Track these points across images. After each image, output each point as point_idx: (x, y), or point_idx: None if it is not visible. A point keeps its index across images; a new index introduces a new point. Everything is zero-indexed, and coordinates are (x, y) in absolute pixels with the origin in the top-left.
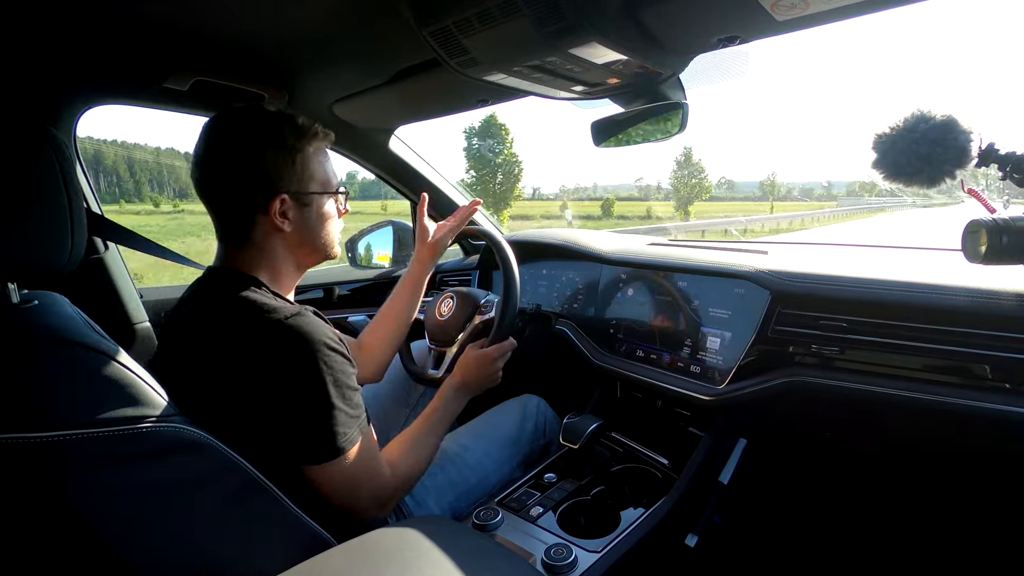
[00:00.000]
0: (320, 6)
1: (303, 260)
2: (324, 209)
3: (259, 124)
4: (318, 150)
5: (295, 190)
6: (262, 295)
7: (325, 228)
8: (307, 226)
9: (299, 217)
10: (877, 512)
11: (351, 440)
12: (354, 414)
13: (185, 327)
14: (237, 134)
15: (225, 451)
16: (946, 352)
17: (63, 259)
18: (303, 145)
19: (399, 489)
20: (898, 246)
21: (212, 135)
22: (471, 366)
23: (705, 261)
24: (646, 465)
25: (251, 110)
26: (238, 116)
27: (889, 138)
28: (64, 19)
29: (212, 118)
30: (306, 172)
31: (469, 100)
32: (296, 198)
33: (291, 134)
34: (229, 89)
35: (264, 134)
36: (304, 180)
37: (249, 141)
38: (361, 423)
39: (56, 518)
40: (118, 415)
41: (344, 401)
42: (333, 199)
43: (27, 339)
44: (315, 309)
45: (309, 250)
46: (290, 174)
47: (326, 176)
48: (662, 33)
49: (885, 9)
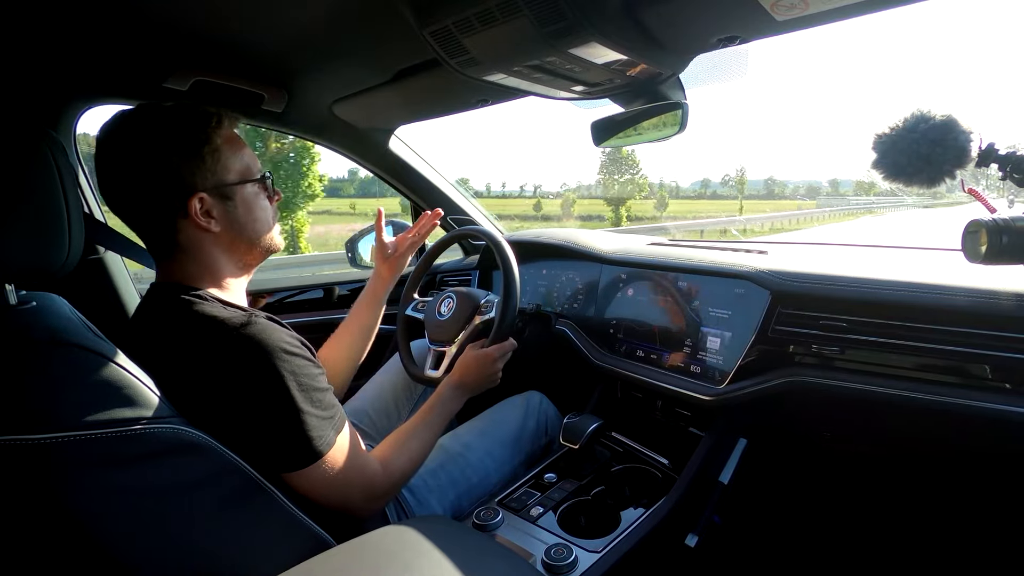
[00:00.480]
0: (320, 6)
1: (243, 259)
2: (250, 199)
3: (158, 123)
4: (229, 139)
5: (212, 184)
6: (207, 306)
7: (256, 219)
8: (236, 221)
9: (224, 213)
10: (877, 512)
11: (327, 442)
12: (326, 415)
13: (140, 348)
14: (137, 136)
15: (223, 452)
16: (946, 352)
17: (61, 260)
18: (210, 136)
19: (393, 485)
20: (898, 246)
21: (111, 141)
22: (471, 366)
23: (705, 261)
24: (646, 465)
25: (147, 109)
26: (136, 117)
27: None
28: (64, 19)
29: (108, 123)
30: (220, 164)
31: (469, 100)
32: (216, 193)
33: (194, 127)
34: (229, 89)
35: (166, 131)
36: (220, 173)
37: (152, 141)
38: (336, 423)
39: (55, 519)
40: (116, 416)
41: (312, 404)
42: (259, 187)
43: (25, 340)
44: (268, 314)
45: (245, 247)
46: (203, 169)
47: (244, 164)
48: (662, 33)
49: (885, 9)
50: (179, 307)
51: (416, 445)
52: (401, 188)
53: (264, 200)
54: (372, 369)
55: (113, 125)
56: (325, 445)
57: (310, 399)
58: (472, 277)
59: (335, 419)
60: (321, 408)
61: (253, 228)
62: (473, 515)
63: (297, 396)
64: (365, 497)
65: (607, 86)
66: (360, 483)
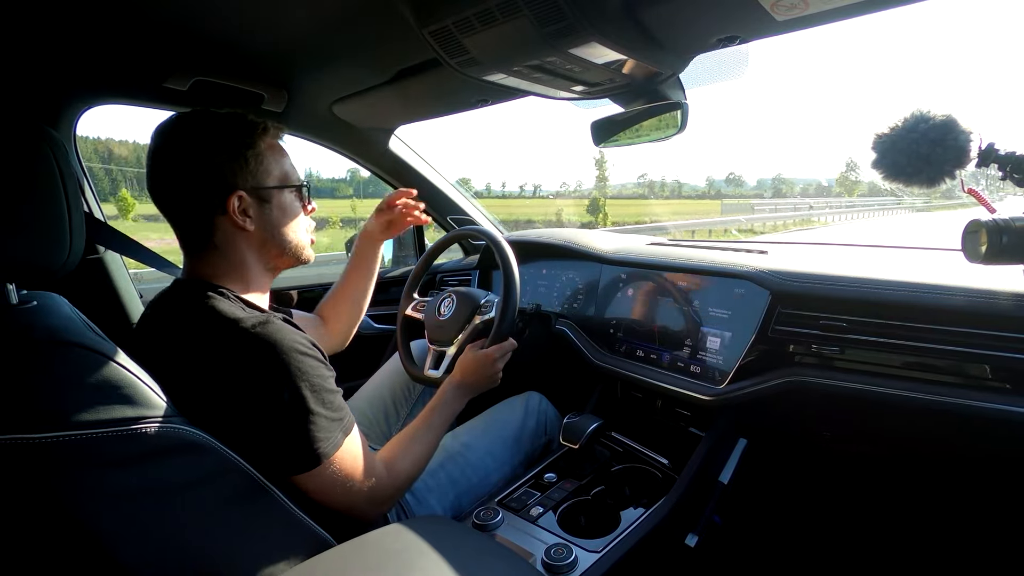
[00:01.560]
0: (320, 6)
1: (272, 262)
2: (286, 205)
3: (208, 125)
4: (272, 146)
5: (252, 185)
6: (228, 304)
7: (290, 225)
8: (270, 223)
9: (260, 214)
10: (876, 512)
11: (334, 444)
12: (335, 417)
13: (153, 342)
14: (186, 136)
15: (224, 452)
16: (946, 352)
17: (61, 259)
18: (254, 141)
19: (397, 488)
20: (898, 246)
21: (162, 140)
22: (470, 366)
23: (705, 261)
24: (646, 465)
25: (200, 113)
26: (187, 120)
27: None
28: (64, 19)
29: (161, 124)
30: (261, 167)
31: (469, 100)
32: (255, 194)
33: (240, 132)
34: (229, 89)
35: (213, 133)
36: (260, 175)
37: (199, 142)
38: (345, 426)
39: (55, 519)
40: (117, 416)
41: (323, 406)
42: (295, 195)
43: (26, 340)
44: (285, 315)
45: (276, 251)
46: (244, 170)
47: (283, 171)
48: (662, 33)
49: (885, 9)
50: (199, 302)
51: (420, 448)
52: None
53: (299, 208)
54: (371, 369)
55: (168, 125)
56: (332, 447)
57: (321, 400)
58: (472, 277)
59: (344, 421)
60: (331, 410)
61: (286, 233)
62: (473, 515)
63: (308, 396)
64: (370, 500)
65: (607, 86)
66: (365, 486)
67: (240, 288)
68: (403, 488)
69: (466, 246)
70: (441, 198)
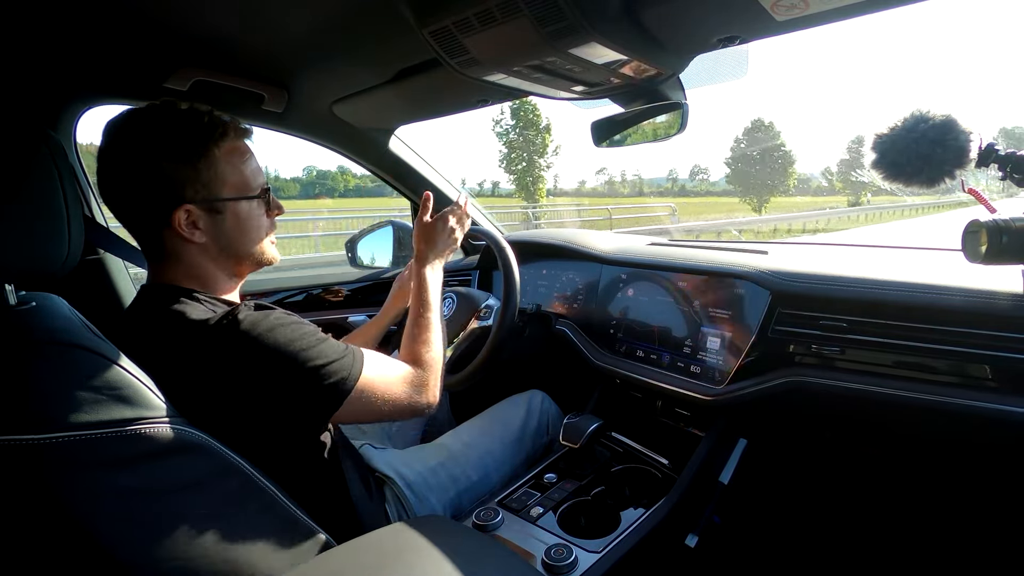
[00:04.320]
0: (320, 6)
1: (233, 270)
2: (243, 214)
3: (157, 128)
4: (230, 151)
5: (202, 198)
6: (193, 305)
7: (247, 236)
8: (223, 235)
9: (211, 226)
10: (877, 512)
11: (354, 376)
12: (338, 356)
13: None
14: (134, 139)
15: (224, 452)
16: (946, 352)
17: (60, 260)
18: (208, 149)
19: (434, 372)
20: (898, 246)
21: (110, 140)
22: (424, 235)
23: (705, 261)
24: (646, 465)
25: (152, 110)
26: (137, 119)
27: (889, 138)
28: (64, 19)
29: (112, 120)
30: (215, 177)
31: (469, 100)
32: (205, 206)
33: (193, 137)
34: (229, 89)
35: (161, 139)
36: (213, 186)
37: (144, 148)
38: (355, 356)
39: (55, 520)
40: (116, 417)
41: (322, 356)
42: (256, 202)
43: (25, 341)
44: (258, 303)
45: (233, 259)
46: (194, 181)
47: (242, 178)
48: (662, 33)
49: (885, 9)
50: (166, 308)
51: (428, 334)
52: (401, 188)
53: (260, 215)
54: None
55: (118, 122)
56: (352, 379)
57: (319, 351)
58: (472, 277)
59: (350, 354)
60: (334, 351)
61: (241, 242)
62: (473, 515)
63: (306, 354)
64: (412, 395)
65: (607, 86)
66: (404, 387)
67: (206, 291)
68: (438, 371)
69: (466, 246)
70: (441, 198)
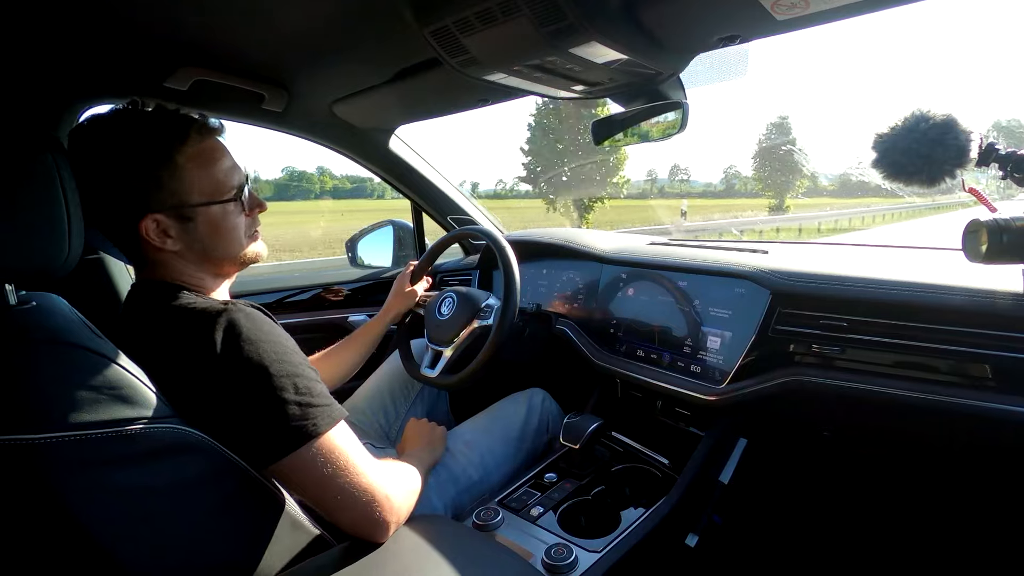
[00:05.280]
0: (320, 6)
1: (215, 271)
2: (216, 218)
3: (117, 136)
4: (199, 154)
5: (170, 205)
6: (185, 300)
7: (223, 239)
8: (197, 241)
9: (183, 233)
10: (877, 511)
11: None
12: (312, 403)
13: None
14: (94, 149)
15: (223, 451)
16: (946, 352)
17: (60, 260)
18: (171, 155)
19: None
20: (898, 246)
21: (75, 144)
22: (411, 438)
23: (705, 261)
24: (646, 465)
25: (114, 117)
26: (96, 127)
27: (889, 138)
28: (64, 19)
29: (74, 129)
30: (182, 184)
31: (469, 100)
32: (174, 214)
33: (155, 144)
34: (229, 89)
35: (122, 148)
36: (181, 193)
37: (105, 157)
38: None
39: (54, 519)
40: (116, 416)
41: (295, 391)
42: (230, 204)
43: (25, 340)
44: (250, 303)
45: (214, 263)
46: (158, 190)
47: (212, 181)
48: (662, 33)
49: (885, 9)
50: (159, 303)
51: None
52: (401, 188)
53: (236, 216)
54: (372, 367)
55: (80, 131)
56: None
57: (293, 385)
58: (472, 277)
59: (328, 408)
60: (310, 395)
61: (218, 247)
62: (473, 515)
63: (278, 381)
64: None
65: (607, 86)
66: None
67: (195, 288)
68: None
69: (466, 246)
70: (441, 198)
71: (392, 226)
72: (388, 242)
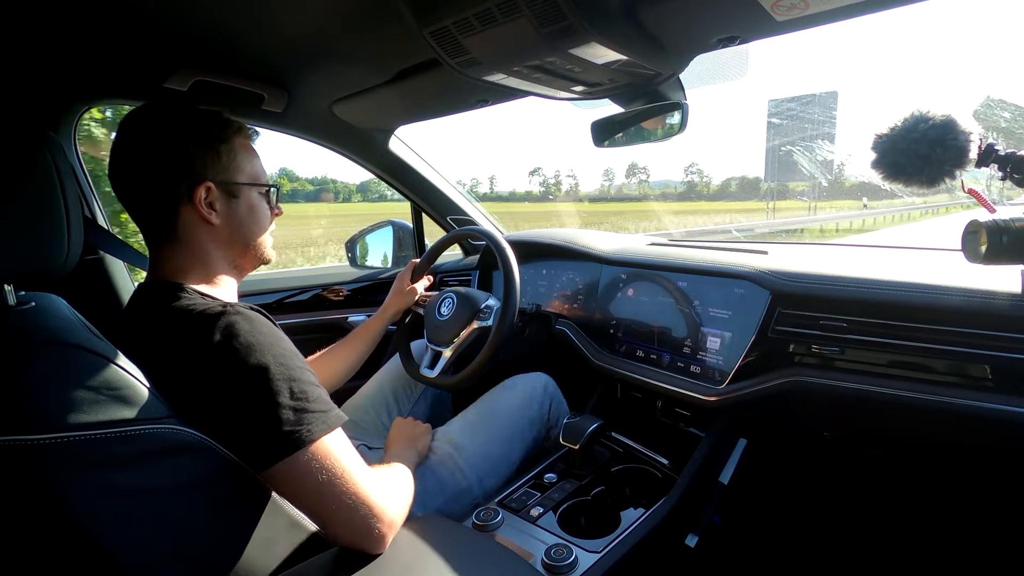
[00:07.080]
0: (320, 6)
1: (236, 260)
2: (254, 204)
3: (181, 115)
4: (244, 145)
5: (222, 179)
6: (187, 300)
7: (257, 225)
8: (237, 220)
9: (227, 209)
10: (877, 512)
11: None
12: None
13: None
14: (158, 123)
15: (222, 452)
16: (946, 352)
17: (60, 260)
18: (229, 136)
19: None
20: (898, 246)
21: (132, 125)
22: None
23: (705, 261)
24: (646, 465)
25: (173, 104)
26: (159, 108)
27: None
28: (64, 19)
29: (132, 112)
30: (232, 163)
31: (469, 100)
32: (224, 188)
33: (215, 126)
34: (229, 89)
35: (187, 123)
36: (231, 170)
37: (171, 129)
38: (327, 418)
39: (54, 520)
40: (115, 417)
41: (291, 396)
42: (264, 196)
43: (24, 341)
44: (250, 304)
45: (240, 248)
46: (215, 163)
47: (255, 171)
48: (662, 33)
49: (885, 9)
50: (160, 305)
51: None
52: (401, 188)
53: (266, 209)
54: (373, 367)
55: (140, 112)
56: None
57: (289, 389)
58: (472, 277)
59: (324, 414)
60: (306, 400)
61: (251, 230)
62: (473, 515)
63: (274, 385)
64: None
65: (607, 86)
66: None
67: (203, 284)
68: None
69: (466, 246)
70: (441, 198)
71: (392, 226)
72: (388, 242)
